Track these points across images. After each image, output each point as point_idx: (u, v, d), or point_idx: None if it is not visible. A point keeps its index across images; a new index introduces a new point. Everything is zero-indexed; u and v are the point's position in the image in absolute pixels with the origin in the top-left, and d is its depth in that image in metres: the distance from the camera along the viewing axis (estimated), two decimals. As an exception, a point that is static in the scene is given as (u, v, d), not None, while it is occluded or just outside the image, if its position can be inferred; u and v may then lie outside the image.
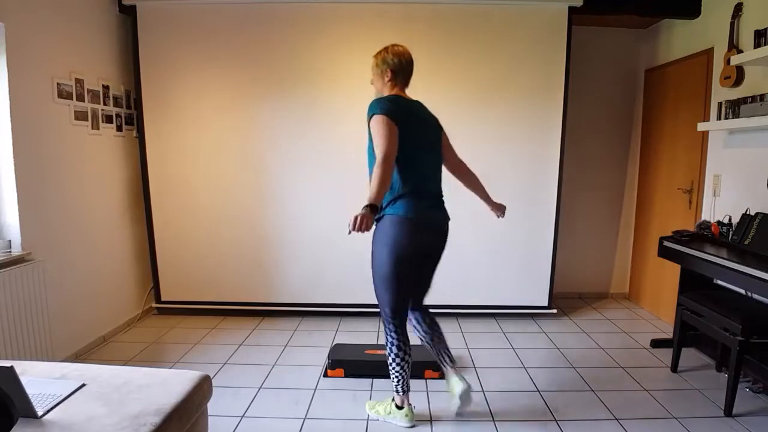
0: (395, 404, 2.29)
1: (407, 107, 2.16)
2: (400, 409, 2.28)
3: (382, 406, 2.34)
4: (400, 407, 2.28)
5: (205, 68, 3.51)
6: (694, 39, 3.45)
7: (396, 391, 2.27)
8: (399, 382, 2.24)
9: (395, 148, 1.98)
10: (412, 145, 2.08)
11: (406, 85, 2.23)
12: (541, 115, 3.55)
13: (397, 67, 2.16)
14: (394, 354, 2.21)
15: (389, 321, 2.20)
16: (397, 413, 2.28)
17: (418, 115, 2.21)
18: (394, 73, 2.16)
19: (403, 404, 2.28)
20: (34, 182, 2.69)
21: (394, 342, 2.20)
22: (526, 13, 3.46)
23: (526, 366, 2.94)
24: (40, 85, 2.74)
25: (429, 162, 2.22)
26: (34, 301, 2.54)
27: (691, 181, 3.48)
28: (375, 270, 2.16)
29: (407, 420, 2.27)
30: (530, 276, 3.72)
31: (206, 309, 3.78)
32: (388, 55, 2.16)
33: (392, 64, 2.15)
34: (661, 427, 2.27)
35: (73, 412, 1.44)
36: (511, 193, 3.63)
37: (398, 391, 2.26)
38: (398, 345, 2.20)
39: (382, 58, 2.18)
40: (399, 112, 2.05)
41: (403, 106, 2.12)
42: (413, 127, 2.11)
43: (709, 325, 2.55)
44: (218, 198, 3.64)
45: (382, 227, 2.11)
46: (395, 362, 2.21)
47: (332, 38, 3.44)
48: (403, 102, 2.15)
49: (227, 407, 2.41)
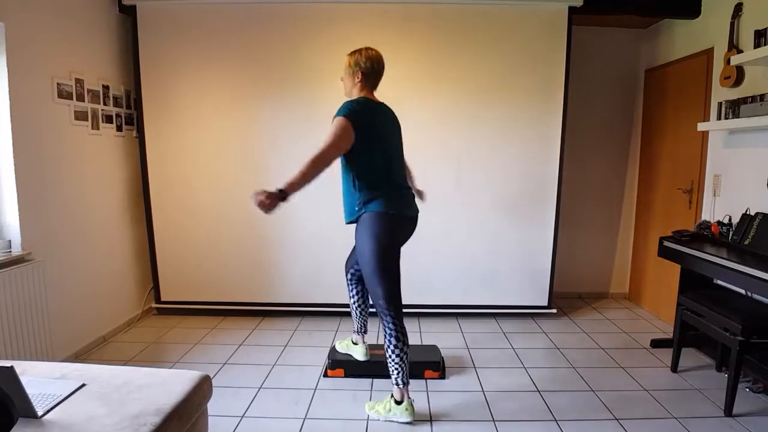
0: (394, 400, 2.30)
1: (375, 110, 2.27)
2: (400, 404, 2.28)
3: (381, 405, 2.35)
4: (400, 402, 2.29)
5: (205, 68, 3.51)
6: (694, 39, 3.45)
7: (396, 384, 2.28)
8: (399, 374, 2.25)
9: (337, 153, 2.10)
10: (383, 146, 2.24)
11: (374, 88, 2.32)
12: (541, 115, 3.55)
13: (368, 71, 2.24)
14: (393, 345, 2.24)
15: (386, 313, 2.25)
16: (397, 409, 2.29)
17: (386, 116, 2.33)
18: (365, 76, 2.24)
19: (402, 398, 2.29)
20: (34, 182, 2.69)
21: (392, 333, 2.25)
22: (526, 13, 3.46)
23: (526, 366, 2.94)
24: (40, 85, 2.74)
25: (397, 159, 2.36)
26: (34, 301, 2.54)
27: (691, 181, 3.48)
28: (364, 266, 2.26)
29: (408, 415, 2.27)
30: (530, 276, 3.72)
31: (206, 309, 3.77)
32: (362, 58, 2.24)
33: (364, 66, 2.24)
34: (661, 427, 2.27)
35: (73, 412, 1.44)
36: (511, 192, 3.64)
37: (398, 383, 2.27)
38: (397, 336, 2.24)
39: (355, 60, 2.25)
40: (366, 116, 2.17)
41: (371, 109, 2.24)
42: (383, 128, 2.26)
43: (709, 325, 2.55)
44: (218, 198, 3.64)
45: (366, 225, 2.21)
46: (395, 353, 2.24)
47: (332, 38, 3.44)
48: (372, 105, 2.26)
49: (227, 407, 2.41)
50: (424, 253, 3.63)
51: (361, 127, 2.12)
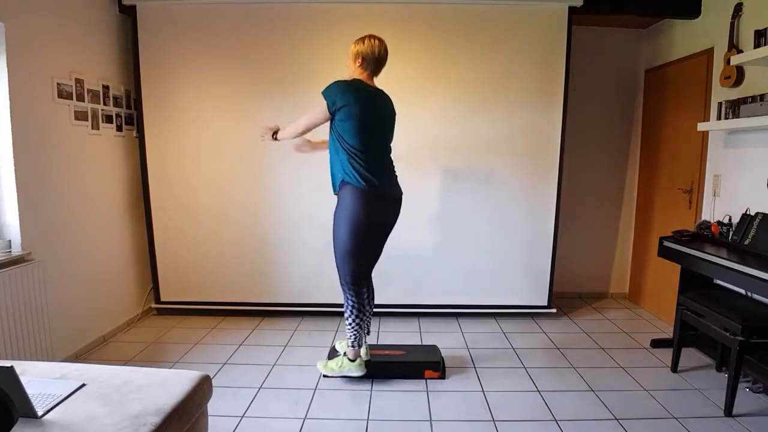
0: (348, 358, 2.61)
1: (367, 92, 2.37)
2: (353, 362, 2.60)
3: (333, 362, 2.64)
4: (353, 360, 2.60)
5: (205, 68, 3.51)
6: (694, 39, 3.45)
7: (351, 346, 2.59)
8: (355, 338, 2.57)
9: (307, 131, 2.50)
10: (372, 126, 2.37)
11: (374, 74, 2.47)
12: (541, 115, 3.55)
13: (368, 56, 2.39)
14: (354, 315, 2.52)
15: (349, 288, 2.49)
16: (351, 365, 2.60)
17: (379, 99, 2.45)
18: (364, 60, 2.39)
19: (355, 357, 2.60)
20: (34, 182, 2.69)
21: (353, 305, 2.51)
22: (526, 13, 3.46)
23: (526, 366, 2.94)
24: (40, 85, 2.74)
25: (383, 141, 2.49)
26: (34, 301, 2.53)
27: (691, 181, 3.48)
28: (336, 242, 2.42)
29: (360, 369, 2.61)
30: (530, 276, 3.72)
31: (206, 309, 3.77)
32: (363, 44, 2.39)
33: (364, 51, 2.38)
34: (661, 427, 2.27)
35: (73, 412, 1.44)
36: (511, 192, 3.64)
37: (353, 345, 2.59)
38: (357, 307, 2.52)
39: (357, 46, 2.40)
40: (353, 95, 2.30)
41: (360, 89, 2.35)
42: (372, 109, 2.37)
43: (709, 325, 2.55)
44: (218, 198, 3.64)
45: (345, 198, 2.36)
46: (354, 321, 2.53)
47: (332, 38, 3.44)
48: (362, 86, 2.37)
49: (227, 407, 2.41)
50: (424, 253, 3.63)
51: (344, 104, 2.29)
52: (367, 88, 2.38)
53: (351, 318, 2.53)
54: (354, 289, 2.49)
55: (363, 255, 2.46)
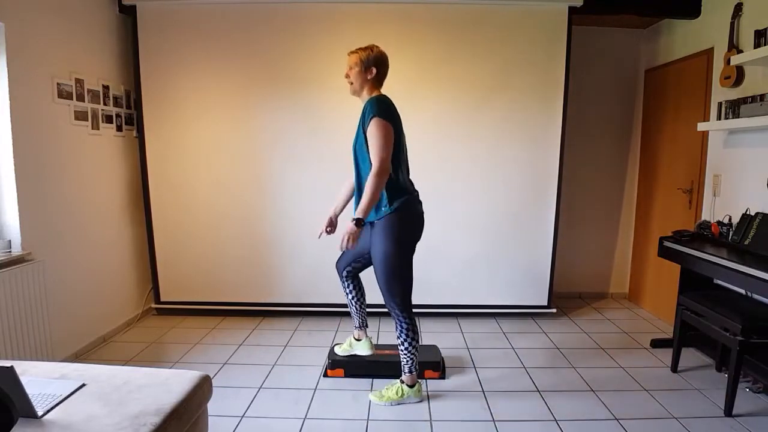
0: (407, 385, 2.46)
1: (394, 107, 2.28)
2: (412, 387, 2.46)
3: (392, 390, 2.47)
4: (412, 386, 2.46)
5: (205, 68, 3.51)
6: (694, 39, 3.45)
7: (409, 371, 2.45)
8: (412, 363, 2.44)
9: (390, 156, 2.17)
10: (402, 143, 2.31)
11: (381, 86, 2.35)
12: (540, 115, 3.55)
13: (381, 68, 2.27)
14: (409, 339, 2.40)
15: (400, 312, 2.37)
16: (410, 391, 2.46)
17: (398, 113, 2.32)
18: (378, 74, 2.27)
19: (414, 383, 2.47)
20: (34, 182, 2.69)
21: (407, 329, 2.39)
22: (526, 13, 3.45)
23: (526, 366, 2.94)
24: (40, 85, 2.74)
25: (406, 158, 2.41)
26: (34, 301, 2.54)
27: (691, 181, 3.48)
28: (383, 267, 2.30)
29: (420, 395, 2.49)
30: (530, 276, 3.72)
31: (206, 309, 3.77)
32: (374, 55, 2.27)
33: (376, 62, 2.26)
34: (661, 427, 2.27)
35: (73, 412, 1.44)
36: (511, 192, 3.64)
37: (411, 371, 2.45)
38: (410, 329, 2.40)
39: (367, 56, 2.27)
40: (394, 114, 2.23)
41: (393, 107, 2.26)
42: (400, 126, 2.29)
43: (709, 325, 2.55)
44: (218, 198, 3.64)
45: (390, 224, 2.25)
46: (410, 345, 2.41)
47: (332, 38, 3.44)
48: (390, 102, 2.28)
49: (227, 407, 2.41)
50: (423, 253, 3.61)
51: (393, 125, 2.19)
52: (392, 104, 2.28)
53: (407, 343, 2.40)
54: (405, 313, 2.38)
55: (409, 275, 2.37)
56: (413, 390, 2.47)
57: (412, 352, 2.42)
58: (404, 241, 2.28)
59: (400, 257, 2.29)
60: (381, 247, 2.27)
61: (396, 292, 2.33)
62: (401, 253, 2.29)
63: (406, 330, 2.39)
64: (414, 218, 2.32)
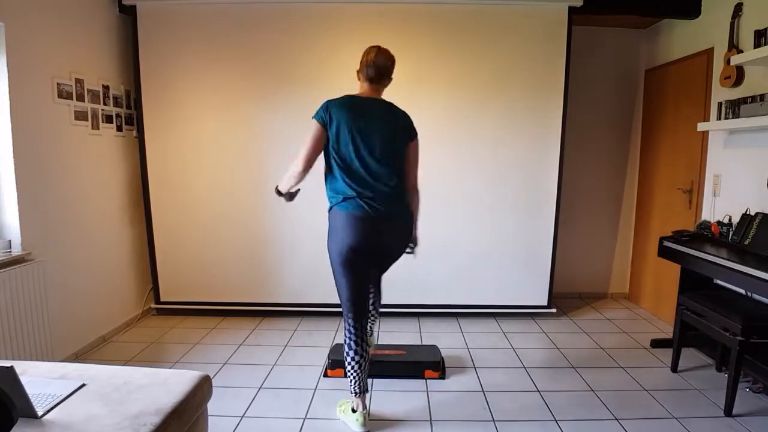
0: (351, 407, 2.25)
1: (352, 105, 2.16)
2: (354, 413, 2.22)
3: (344, 405, 2.32)
4: (354, 410, 2.23)
5: (205, 68, 3.51)
6: (694, 39, 3.45)
7: (352, 393, 2.22)
8: (354, 382, 2.20)
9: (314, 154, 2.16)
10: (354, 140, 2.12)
11: (377, 84, 2.24)
12: (540, 115, 3.55)
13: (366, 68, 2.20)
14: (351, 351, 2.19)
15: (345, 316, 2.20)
16: (350, 417, 2.24)
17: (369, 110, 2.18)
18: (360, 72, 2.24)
19: (357, 408, 2.22)
20: (34, 182, 2.69)
21: (350, 338, 2.19)
22: (526, 13, 3.45)
23: (526, 366, 2.94)
24: (40, 85, 2.74)
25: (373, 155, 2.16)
26: (34, 301, 2.53)
27: (691, 181, 3.48)
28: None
29: (357, 425, 2.20)
30: (530, 276, 3.72)
31: (206, 309, 3.77)
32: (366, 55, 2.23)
33: (364, 61, 2.22)
34: (661, 427, 2.27)
35: (73, 412, 1.44)
36: (511, 192, 3.64)
37: (354, 392, 2.22)
38: (355, 341, 2.19)
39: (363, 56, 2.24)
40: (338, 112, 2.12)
41: (347, 104, 2.15)
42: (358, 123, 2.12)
43: (709, 325, 2.55)
44: (218, 198, 3.64)
45: (330, 221, 2.19)
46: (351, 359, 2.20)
47: (332, 38, 3.44)
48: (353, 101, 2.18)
49: (227, 407, 2.41)
50: (424, 253, 3.62)
51: (330, 123, 2.13)
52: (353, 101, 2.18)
53: (349, 356, 2.19)
54: (349, 319, 2.19)
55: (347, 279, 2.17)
56: (351, 417, 2.21)
57: (354, 368, 2.17)
58: (330, 246, 2.16)
59: (331, 260, 2.17)
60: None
61: (339, 293, 2.20)
62: (331, 257, 2.17)
63: (347, 338, 2.19)
64: (340, 222, 2.10)
